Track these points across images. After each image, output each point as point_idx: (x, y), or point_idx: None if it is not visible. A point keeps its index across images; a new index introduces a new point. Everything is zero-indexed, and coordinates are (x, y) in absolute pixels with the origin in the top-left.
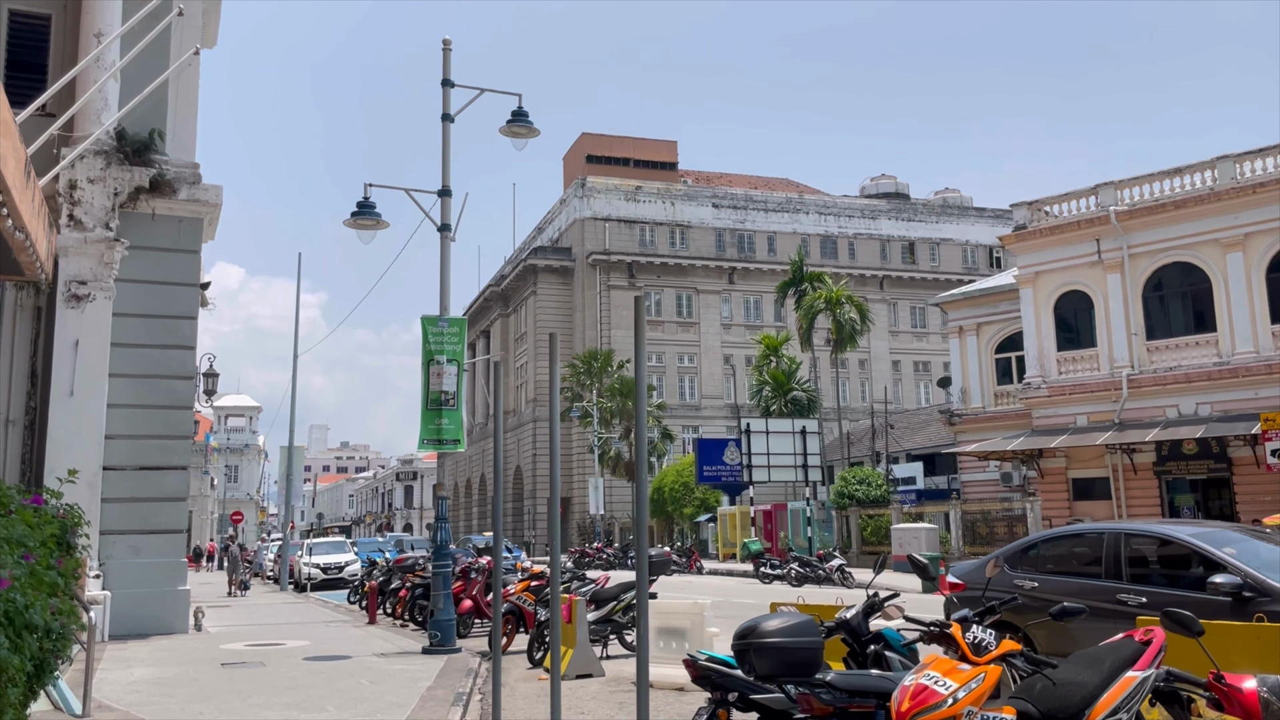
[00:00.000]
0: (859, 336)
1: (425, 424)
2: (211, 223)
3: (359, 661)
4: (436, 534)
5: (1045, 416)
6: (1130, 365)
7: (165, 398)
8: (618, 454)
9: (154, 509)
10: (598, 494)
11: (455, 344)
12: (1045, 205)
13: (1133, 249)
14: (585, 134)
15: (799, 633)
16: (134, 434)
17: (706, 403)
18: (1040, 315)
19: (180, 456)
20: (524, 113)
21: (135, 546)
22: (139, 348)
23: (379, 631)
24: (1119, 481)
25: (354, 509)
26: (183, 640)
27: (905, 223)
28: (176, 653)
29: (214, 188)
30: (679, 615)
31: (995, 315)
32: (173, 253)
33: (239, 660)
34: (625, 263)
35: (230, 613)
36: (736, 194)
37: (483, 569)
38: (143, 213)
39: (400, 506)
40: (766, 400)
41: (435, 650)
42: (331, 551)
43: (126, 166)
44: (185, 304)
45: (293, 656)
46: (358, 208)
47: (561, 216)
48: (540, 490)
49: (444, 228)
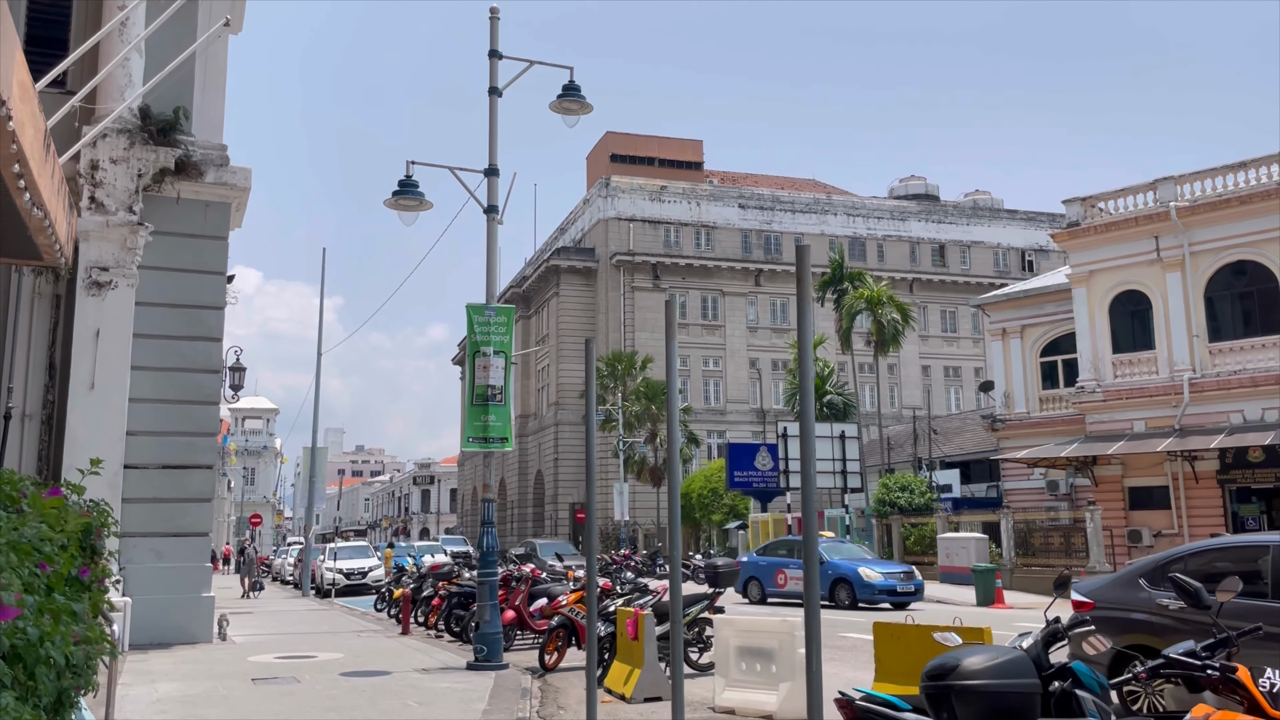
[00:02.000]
0: (901, 338)
1: (470, 421)
2: (239, 208)
3: (400, 678)
4: (482, 540)
5: (1100, 422)
6: (1191, 368)
7: (190, 392)
8: (642, 458)
9: (178, 510)
10: (622, 499)
11: (503, 334)
12: (1100, 201)
13: (1194, 247)
14: (610, 133)
15: (1012, 672)
16: (157, 430)
17: (732, 407)
18: (1095, 316)
19: (206, 455)
20: (576, 86)
21: (158, 550)
22: (163, 339)
23: (414, 643)
24: (1179, 490)
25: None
26: (208, 651)
27: (935, 225)
28: (202, 665)
29: (242, 170)
30: (766, 634)
31: (1040, 317)
32: (199, 239)
33: (270, 675)
34: (650, 264)
35: (254, 620)
36: (763, 194)
37: (526, 577)
38: (167, 196)
39: (417, 510)
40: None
41: (481, 666)
42: (355, 556)
43: (151, 147)
44: (211, 293)
45: (327, 671)
46: (399, 186)
47: (585, 216)
48: (563, 495)
49: (491, 209)
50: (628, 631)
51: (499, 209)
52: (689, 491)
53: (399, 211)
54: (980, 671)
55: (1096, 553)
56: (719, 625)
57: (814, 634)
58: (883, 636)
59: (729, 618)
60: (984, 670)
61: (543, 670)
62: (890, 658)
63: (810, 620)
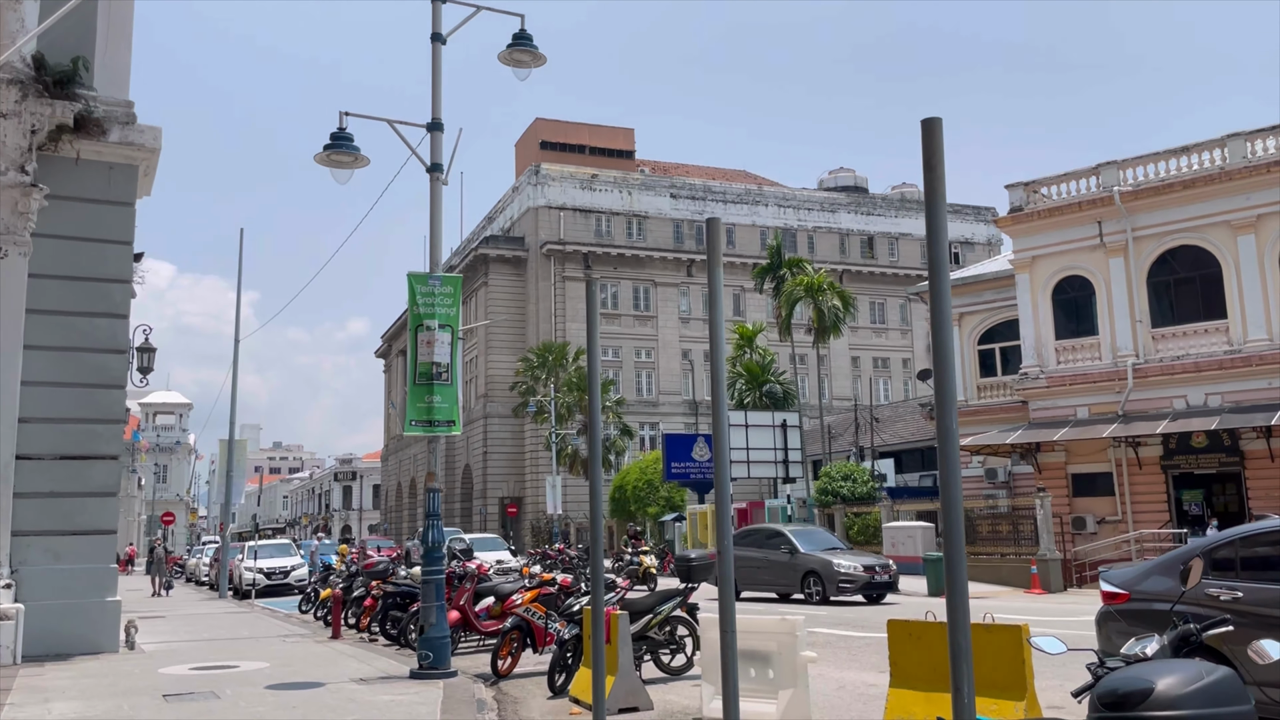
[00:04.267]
0: (842, 325)
1: (412, 402)
2: (148, 172)
3: (337, 690)
4: (428, 534)
5: (1043, 409)
6: (1135, 354)
7: (93, 375)
8: (575, 451)
9: (78, 506)
10: (555, 492)
11: (449, 306)
12: (1042, 186)
13: (1137, 231)
14: (539, 119)
15: (1225, 697)
16: (55, 417)
17: (665, 399)
18: (1038, 302)
19: (110, 444)
20: (527, 35)
21: (55, 550)
22: (61, 315)
23: (347, 648)
24: (1123, 477)
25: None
26: (113, 662)
27: (864, 217)
28: (106, 679)
29: (151, 129)
30: (762, 635)
31: (978, 305)
32: (102, 205)
33: (185, 690)
34: (581, 253)
35: (166, 625)
36: (695, 184)
37: (472, 574)
38: (65, 156)
39: (339, 508)
40: (741, 393)
41: (427, 674)
42: (276, 554)
43: (46, 100)
44: (116, 265)
45: (251, 684)
46: (331, 139)
47: (514, 205)
48: (492, 490)
49: (435, 167)
50: None
51: (444, 167)
52: (624, 484)
53: (331, 169)
54: (1185, 698)
55: (1047, 540)
56: (707, 626)
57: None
58: (899, 636)
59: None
60: (1190, 696)
61: (496, 677)
62: (908, 660)
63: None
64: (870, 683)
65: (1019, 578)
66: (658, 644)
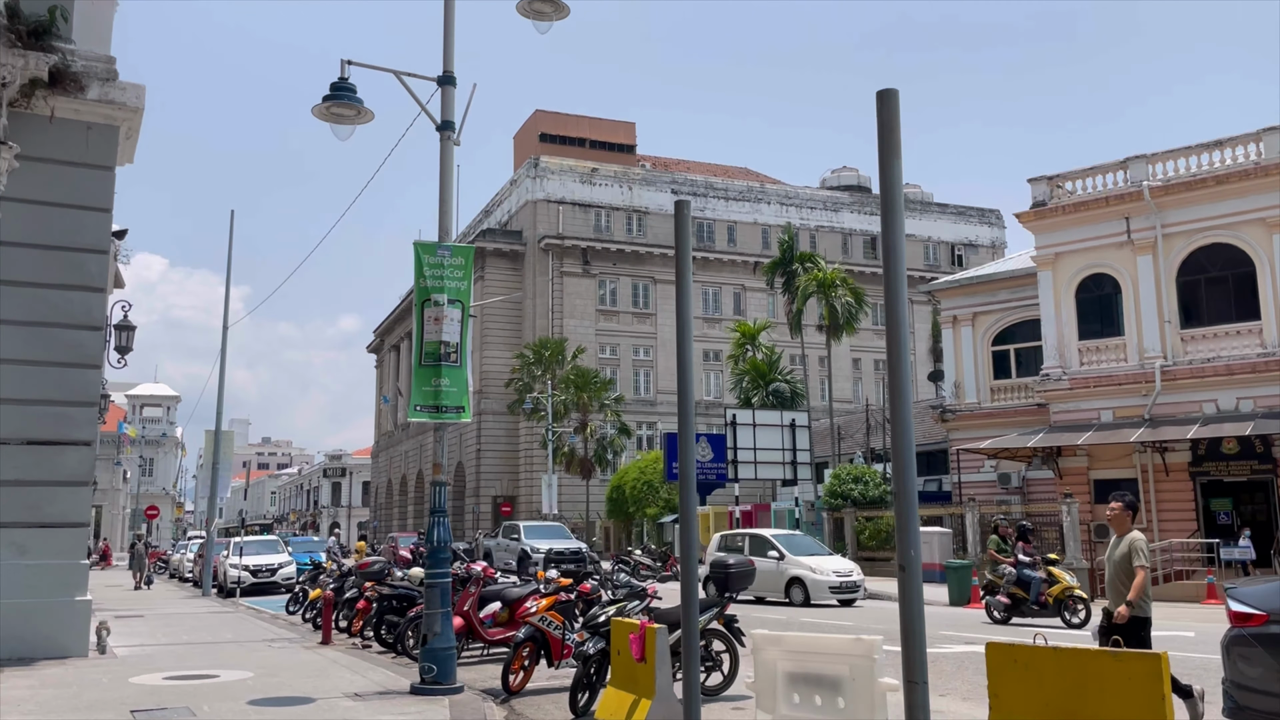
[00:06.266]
0: (855, 323)
1: (418, 385)
2: (130, 135)
3: (329, 708)
4: (433, 531)
5: (1065, 411)
6: (1163, 355)
7: (65, 352)
8: (572, 449)
9: (47, 495)
10: (551, 492)
11: (459, 279)
12: (1067, 180)
13: (1167, 228)
14: (539, 111)
15: None
16: (21, 398)
17: (663, 398)
18: (1060, 300)
19: (84, 429)
20: None
21: (20, 544)
22: (31, 286)
23: (339, 656)
24: (1149, 483)
25: (276, 507)
26: (80, 669)
27: (867, 216)
28: (69, 690)
29: (134, 87)
30: (831, 656)
31: (993, 305)
32: (78, 167)
33: (156, 705)
34: (580, 248)
35: (143, 626)
36: (696, 180)
37: (477, 577)
38: (39, 114)
39: (327, 504)
40: (746, 391)
41: (430, 689)
42: (263, 551)
43: (18, 51)
44: (93, 234)
45: (232, 698)
46: (332, 90)
47: (512, 198)
48: (485, 488)
49: (445, 125)
50: (631, 649)
51: (455, 125)
52: (622, 484)
53: (332, 124)
54: None
55: (1073, 549)
56: (761, 643)
57: None
58: (1001, 662)
59: (776, 634)
60: None
61: (507, 694)
62: (1013, 692)
63: None
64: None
65: None
66: None
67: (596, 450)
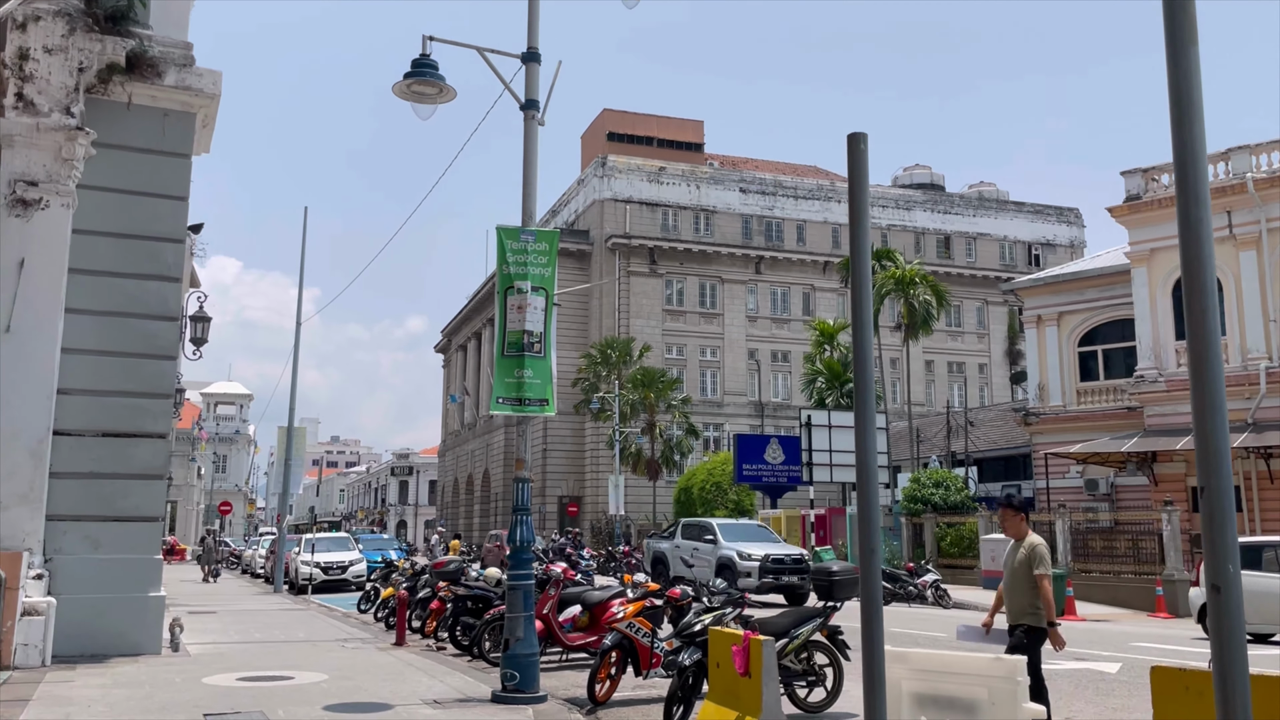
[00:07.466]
0: (933, 322)
1: (500, 377)
2: (206, 123)
3: (408, 715)
4: (515, 531)
5: (1161, 415)
6: (1268, 356)
7: (140, 343)
8: (638, 450)
9: (120, 489)
10: (618, 493)
11: (544, 266)
12: (1162, 173)
13: (1272, 222)
14: (607, 110)
15: None
16: (97, 389)
17: (730, 399)
18: (1156, 298)
19: (158, 421)
20: None
21: (94, 538)
22: (106, 276)
23: (414, 659)
24: (1252, 491)
25: (345, 504)
26: (152, 667)
27: (941, 215)
28: (140, 690)
29: (210, 74)
30: (965, 677)
31: (1080, 304)
32: (155, 155)
33: (230, 709)
34: (647, 248)
35: (216, 623)
36: (765, 179)
37: (556, 579)
38: (116, 100)
39: (394, 502)
40: (820, 392)
41: (512, 697)
42: (334, 549)
43: (96, 36)
44: (169, 223)
45: (307, 702)
46: (413, 67)
47: (579, 197)
48: (551, 488)
49: (529, 104)
50: (734, 662)
51: (539, 105)
52: (690, 485)
53: (413, 103)
54: None
55: (1175, 559)
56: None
57: None
58: (1169, 688)
59: (902, 650)
60: None
61: (593, 704)
62: None
63: None
64: None
65: (1139, 599)
66: (793, 674)
67: (663, 451)
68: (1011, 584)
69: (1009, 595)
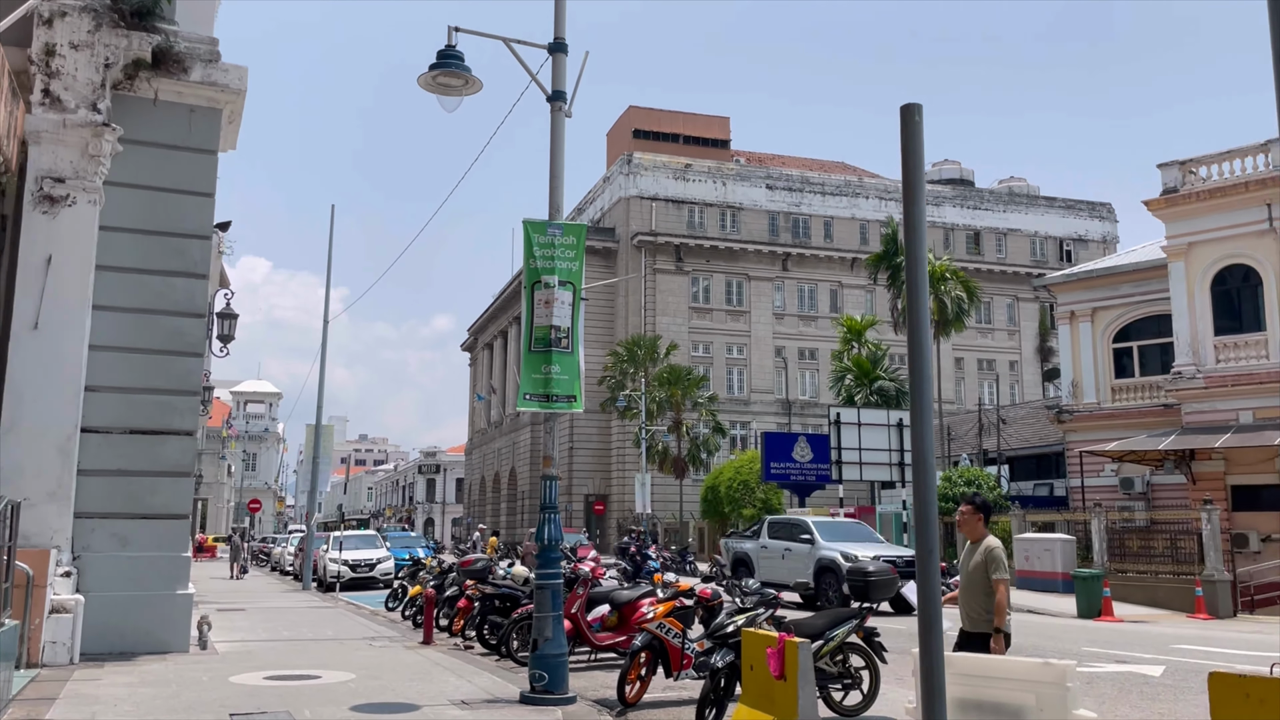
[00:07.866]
0: (965, 318)
1: (527, 373)
2: (232, 119)
3: (436, 715)
4: (543, 529)
5: (1199, 412)
6: None
7: (167, 340)
8: (665, 448)
9: (149, 486)
10: (644, 491)
11: (571, 260)
12: (1200, 165)
13: None
14: (633, 107)
15: None
16: (124, 386)
17: (756, 397)
18: (1194, 293)
19: (186, 418)
20: None
21: (122, 535)
22: (133, 272)
23: (442, 657)
24: None
25: (373, 502)
26: (180, 665)
27: (970, 211)
28: (168, 689)
29: (236, 69)
30: (1012, 682)
31: (1115, 299)
32: (181, 151)
33: (256, 709)
34: (673, 245)
35: (245, 621)
36: (792, 175)
37: (585, 578)
38: (142, 96)
39: (422, 500)
40: (849, 389)
41: (541, 698)
42: (362, 546)
43: (122, 31)
44: (196, 219)
45: (335, 702)
46: (439, 58)
47: (605, 195)
48: (577, 487)
49: (556, 96)
50: (769, 665)
51: (567, 96)
52: (717, 484)
53: (439, 95)
54: None
55: (1214, 559)
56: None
57: None
58: (1228, 695)
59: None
60: None
61: (623, 706)
62: None
63: None
64: None
65: (1178, 600)
66: (828, 677)
67: (690, 449)
68: (968, 588)
69: (965, 599)
